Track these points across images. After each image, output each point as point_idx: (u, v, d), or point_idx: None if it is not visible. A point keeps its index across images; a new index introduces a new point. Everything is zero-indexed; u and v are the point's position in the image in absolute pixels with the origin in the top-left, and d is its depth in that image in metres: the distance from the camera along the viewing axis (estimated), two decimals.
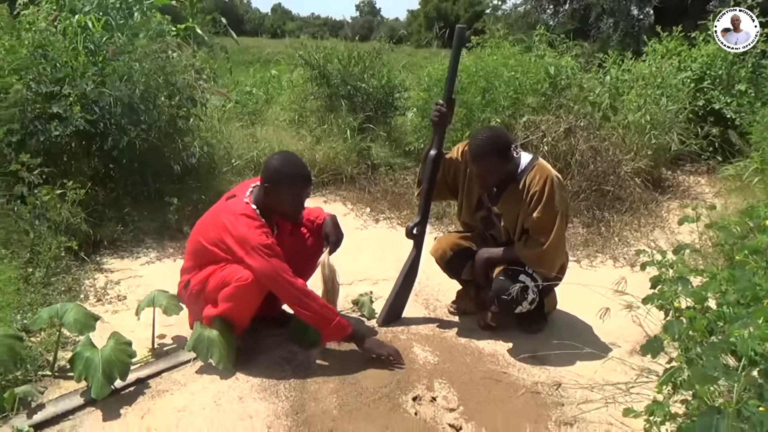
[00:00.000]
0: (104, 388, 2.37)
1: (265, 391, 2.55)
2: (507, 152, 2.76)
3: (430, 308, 3.39)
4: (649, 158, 5.53)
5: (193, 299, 2.74)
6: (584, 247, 4.33)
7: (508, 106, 5.31)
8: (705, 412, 1.66)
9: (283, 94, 6.77)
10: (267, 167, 2.66)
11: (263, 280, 2.55)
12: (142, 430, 2.30)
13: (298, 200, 2.72)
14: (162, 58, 4.49)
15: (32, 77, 4.05)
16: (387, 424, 2.36)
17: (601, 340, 3.03)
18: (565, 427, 2.40)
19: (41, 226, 3.54)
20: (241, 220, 2.58)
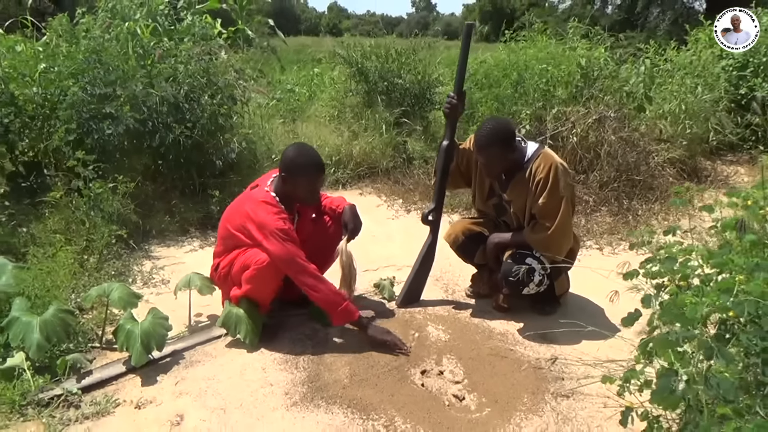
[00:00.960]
0: (142, 356, 2.67)
1: (285, 363, 2.81)
2: (510, 142, 2.93)
3: (449, 292, 3.59)
4: (684, 148, 5.56)
5: (222, 281, 3.02)
6: (609, 234, 4.44)
7: (539, 98, 5.42)
8: (664, 373, 1.82)
9: (324, 91, 7.04)
10: (284, 158, 2.91)
11: (278, 263, 2.79)
12: (174, 394, 2.59)
13: (313, 187, 2.94)
14: (205, 60, 4.82)
15: (87, 80, 4.42)
16: (393, 393, 2.58)
17: (610, 322, 3.16)
18: (562, 399, 2.57)
19: (95, 217, 3.89)
20: (261, 207, 2.84)
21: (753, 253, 2.13)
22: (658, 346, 1.87)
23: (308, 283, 2.80)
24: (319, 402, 2.52)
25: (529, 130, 5.26)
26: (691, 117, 5.74)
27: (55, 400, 2.47)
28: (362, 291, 3.54)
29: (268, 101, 6.34)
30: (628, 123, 5.36)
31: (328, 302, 2.84)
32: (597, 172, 5.05)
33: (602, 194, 4.93)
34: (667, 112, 5.79)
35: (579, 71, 5.49)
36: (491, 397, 2.58)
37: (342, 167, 5.66)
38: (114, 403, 2.51)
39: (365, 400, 2.53)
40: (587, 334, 2.82)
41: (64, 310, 2.76)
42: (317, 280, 2.82)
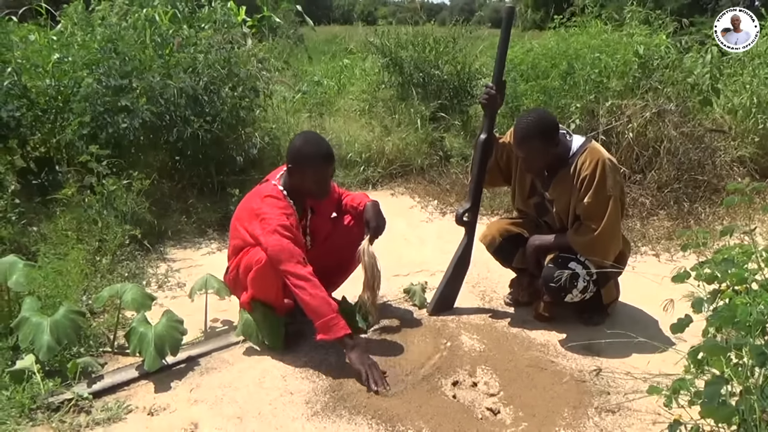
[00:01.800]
0: (156, 361, 2.79)
1: (307, 371, 2.90)
2: (552, 135, 2.98)
3: (486, 299, 3.64)
4: (756, 145, 5.51)
5: (234, 285, 3.14)
6: (666, 240, 4.44)
7: (591, 90, 5.43)
8: (713, 381, 1.85)
9: (355, 84, 7.15)
10: (290, 148, 3.00)
11: (271, 260, 2.84)
12: (189, 401, 2.70)
13: (321, 179, 3.01)
14: (226, 49, 4.97)
15: (102, 71, 4.60)
16: (421, 404, 2.64)
17: (664, 333, 3.18)
18: (607, 414, 2.60)
19: (109, 216, 4.04)
20: (266, 201, 2.93)
21: None
22: (709, 353, 1.91)
23: (298, 284, 2.79)
24: (341, 412, 2.60)
25: (580, 125, 5.27)
26: (764, 111, 5.68)
27: (65, 404, 2.60)
28: (391, 297, 3.62)
29: (293, 94, 6.48)
30: (692, 117, 5.34)
31: (315, 310, 2.79)
32: (655, 172, 5.04)
33: (660, 196, 4.93)
34: (736, 105, 5.74)
35: (636, 60, 5.47)
36: (528, 410, 2.62)
37: (373, 165, 5.75)
38: (126, 409, 2.62)
39: (391, 410, 2.60)
40: (637, 346, 2.83)
41: (75, 311, 2.89)
42: (309, 284, 2.80)
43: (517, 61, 6.06)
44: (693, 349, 2.10)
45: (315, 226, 3.12)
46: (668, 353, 2.79)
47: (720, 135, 5.44)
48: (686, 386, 2.05)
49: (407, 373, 2.87)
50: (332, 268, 3.31)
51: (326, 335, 2.81)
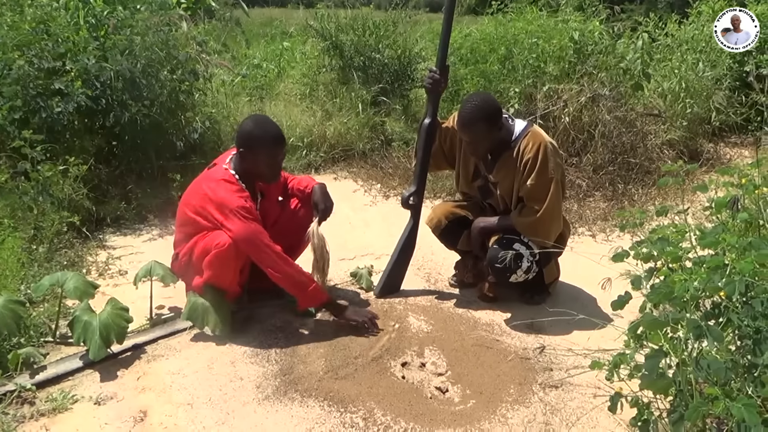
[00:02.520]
0: (101, 350, 2.74)
1: (256, 356, 2.91)
2: (496, 119, 3.04)
3: (431, 281, 3.70)
4: (684, 129, 5.72)
5: (183, 270, 3.11)
6: (602, 221, 4.59)
7: (529, 75, 5.54)
8: (652, 354, 1.95)
9: (295, 67, 7.10)
10: (240, 132, 3.00)
11: (241, 244, 2.88)
12: (137, 389, 2.67)
13: (273, 161, 3.03)
14: (164, 31, 4.85)
15: (34, 53, 4.43)
16: (372, 385, 2.69)
17: (602, 310, 3.30)
18: (551, 390, 2.70)
19: (44, 203, 3.92)
20: (220, 185, 2.93)
21: (746, 232, 2.26)
22: (647, 328, 2.00)
23: (272, 264, 2.90)
24: (293, 395, 2.63)
25: (519, 109, 5.37)
26: (692, 96, 5.90)
27: (7, 396, 2.54)
28: (338, 281, 3.64)
29: (233, 77, 6.39)
30: (625, 102, 5.50)
31: (295, 284, 2.96)
32: (591, 155, 5.19)
33: (596, 178, 5.08)
34: (666, 90, 5.94)
35: (572, 46, 5.60)
36: (476, 388, 2.70)
37: (315, 150, 5.72)
38: (72, 399, 2.58)
39: (342, 392, 2.64)
40: (577, 324, 2.93)
41: (14, 301, 2.82)
42: (282, 261, 2.92)
43: (457, 45, 6.12)
44: (632, 324, 2.19)
45: (264, 210, 3.12)
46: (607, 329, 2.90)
47: (653, 118, 5.63)
48: (626, 360, 2.14)
49: (357, 356, 2.91)
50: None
51: (312, 303, 3.07)
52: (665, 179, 2.61)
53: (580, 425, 2.48)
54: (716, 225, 2.37)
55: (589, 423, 2.50)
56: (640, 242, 2.42)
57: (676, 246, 2.28)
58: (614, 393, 2.16)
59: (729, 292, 1.88)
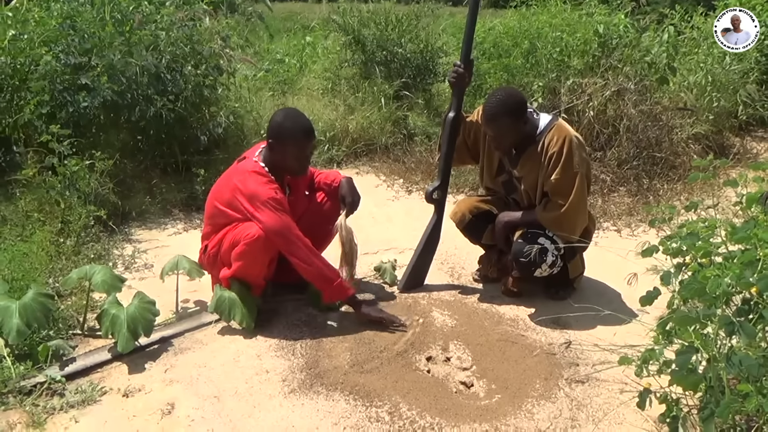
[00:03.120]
0: (129, 342, 2.77)
1: (282, 350, 2.92)
2: (521, 113, 3.02)
3: (455, 276, 3.70)
4: (711, 123, 5.66)
5: (211, 263, 3.13)
6: (627, 215, 4.55)
7: (552, 69, 5.50)
8: (683, 350, 1.93)
9: (317, 62, 7.11)
10: (271, 124, 3.02)
11: (271, 235, 2.89)
12: (164, 382, 2.69)
13: (302, 154, 3.04)
14: (189, 26, 4.88)
15: (61, 48, 4.48)
16: (397, 379, 2.69)
17: (628, 306, 3.28)
18: (576, 385, 2.68)
19: (71, 197, 3.96)
20: (251, 177, 2.95)
21: None
22: (678, 324, 1.98)
23: (301, 257, 2.92)
24: (318, 389, 2.64)
25: (542, 103, 5.35)
26: (718, 89, 5.84)
27: (37, 388, 2.57)
28: (362, 275, 3.64)
29: (255, 72, 6.41)
30: (650, 96, 5.45)
31: (322, 277, 2.97)
32: (615, 149, 5.15)
33: (621, 173, 5.04)
34: (692, 84, 5.88)
35: (596, 39, 5.56)
36: (501, 383, 2.70)
37: (337, 144, 5.74)
38: (100, 391, 2.61)
39: (368, 386, 2.64)
40: (603, 319, 2.93)
41: (43, 294, 2.84)
42: (312, 254, 2.95)
43: (480, 39, 6.10)
44: (662, 320, 2.18)
45: (291, 204, 3.12)
46: (633, 325, 2.90)
47: (682, 113, 5.57)
48: (655, 356, 2.13)
49: (382, 350, 2.91)
50: None
51: (338, 297, 3.08)
52: (695, 174, 2.58)
53: (606, 421, 2.46)
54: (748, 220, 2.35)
55: (615, 419, 2.48)
56: (670, 237, 2.40)
57: (706, 241, 2.26)
58: (643, 389, 2.15)
59: (762, 288, 1.86)
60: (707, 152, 5.54)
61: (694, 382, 1.93)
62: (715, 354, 1.90)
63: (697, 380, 1.92)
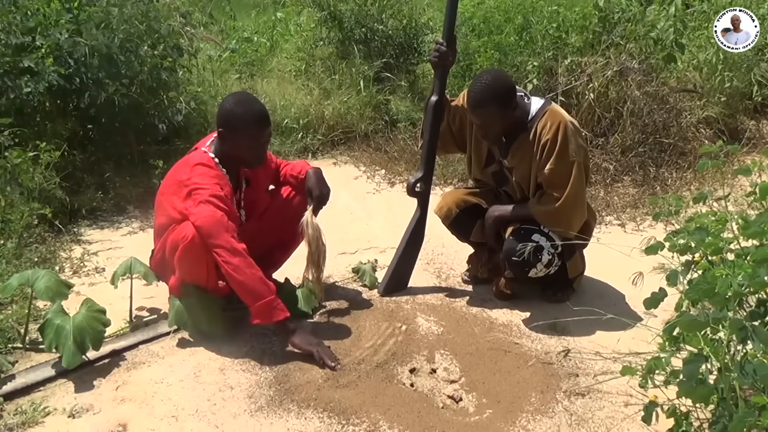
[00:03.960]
0: (76, 356, 2.71)
1: (248, 363, 2.88)
2: (510, 98, 3.00)
3: (443, 278, 3.68)
4: (723, 105, 5.65)
5: (160, 269, 3.09)
6: (632, 208, 4.55)
7: (549, 47, 5.48)
8: (691, 359, 1.90)
9: (289, 41, 7.05)
10: (220, 111, 2.96)
11: (200, 233, 2.78)
12: (116, 400, 2.65)
13: (257, 144, 2.97)
14: (144, 1, 4.81)
15: (1, 27, 4.40)
16: (377, 394, 2.67)
17: (633, 309, 3.27)
18: (576, 397, 2.67)
19: (12, 193, 3.90)
20: (195, 170, 2.89)
21: None
22: (685, 329, 1.95)
23: (231, 261, 2.76)
24: (289, 406, 2.60)
25: (537, 84, 5.31)
26: (730, 68, 5.83)
27: None
28: (338, 278, 3.61)
29: (220, 53, 6.35)
30: (656, 76, 5.44)
31: (250, 291, 2.80)
32: (618, 135, 5.13)
33: (625, 161, 5.03)
34: (702, 62, 5.87)
35: (596, 14, 5.54)
36: (493, 397, 2.68)
37: (311, 132, 5.67)
38: (43, 411, 2.56)
39: (344, 402, 2.61)
40: (606, 324, 2.89)
41: None
42: (244, 261, 2.79)
43: (468, 14, 6.06)
44: (668, 325, 2.15)
45: (250, 199, 3.08)
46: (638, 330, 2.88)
47: (689, 95, 5.56)
48: (661, 365, 2.10)
49: (360, 362, 2.88)
50: (272, 246, 3.31)
51: (263, 319, 2.83)
52: (704, 162, 2.56)
53: None
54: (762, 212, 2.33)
55: None
56: (676, 232, 2.38)
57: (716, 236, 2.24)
58: (649, 402, 2.13)
59: None
60: (720, 137, 5.54)
61: (704, 394, 1.90)
62: (726, 362, 1.88)
63: (708, 392, 1.90)
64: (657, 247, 2.33)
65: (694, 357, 1.90)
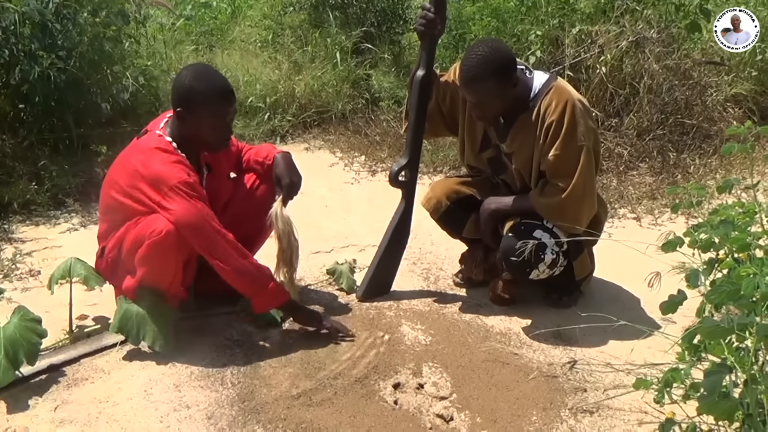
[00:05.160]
0: (8, 373, 2.72)
1: (207, 378, 2.90)
2: (509, 73, 3.01)
3: (431, 280, 3.71)
4: (754, 80, 5.71)
5: (111, 269, 3.09)
6: (649, 199, 4.60)
7: (554, 13, 5.52)
8: (713, 370, 1.94)
9: (254, 6, 7.05)
10: (176, 87, 2.97)
11: (184, 229, 2.83)
12: (54, 423, 2.65)
13: (220, 123, 2.98)
14: None
15: None
16: (355, 413, 2.69)
17: (649, 315, 3.31)
18: (584, 415, 2.71)
19: None
20: (154, 157, 2.89)
21: None
22: (707, 337, 1.99)
23: (225, 256, 2.86)
24: (254, 427, 2.62)
25: (541, 57, 5.35)
26: (763, 38, 5.88)
27: None
28: (311, 280, 3.64)
29: (173, 20, 6.34)
30: (678, 47, 5.48)
31: (251, 280, 2.93)
32: (634, 115, 5.17)
33: (641, 145, 5.07)
34: None
35: None
36: (488, 415, 2.70)
37: (280, 112, 5.70)
38: None
39: (317, 423, 2.63)
40: (618, 332, 2.92)
41: None
42: (236, 251, 2.89)
43: None
44: (688, 332, 2.19)
45: (213, 188, 3.08)
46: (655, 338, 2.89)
47: (715, 69, 5.61)
48: (680, 377, 2.14)
49: (336, 376, 2.90)
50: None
51: (271, 304, 3.05)
52: (729, 146, 2.59)
53: None
54: None
55: None
56: (698, 226, 2.41)
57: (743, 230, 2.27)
58: (665, 419, 2.16)
59: None
60: (750, 117, 5.59)
61: (727, 410, 1.94)
62: (753, 374, 1.92)
63: (732, 407, 1.93)
64: (675, 243, 2.35)
65: (717, 368, 1.94)
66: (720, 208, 2.41)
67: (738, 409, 1.93)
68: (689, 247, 2.34)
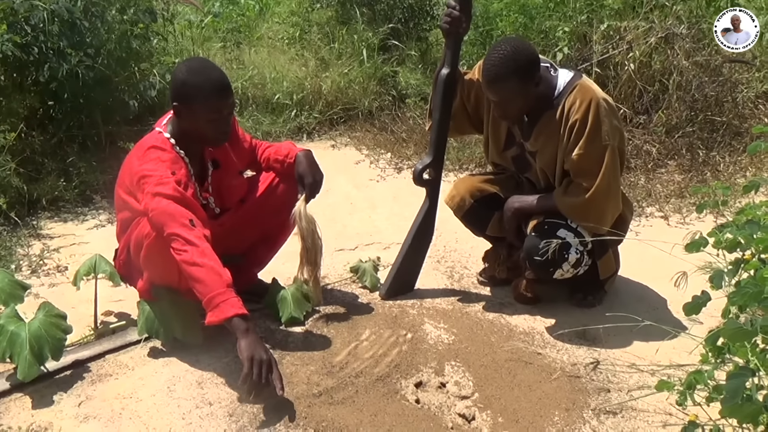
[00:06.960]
0: (32, 368, 2.74)
1: (229, 375, 2.90)
2: (532, 71, 2.99)
3: (455, 278, 3.71)
4: None
5: (126, 270, 3.11)
6: (677, 198, 4.56)
7: (582, 9, 5.48)
8: (736, 373, 1.92)
9: (282, 3, 7.07)
10: (172, 82, 2.95)
11: (154, 227, 2.78)
12: (78, 418, 2.67)
13: (218, 116, 2.92)
14: None
15: None
16: (377, 412, 2.69)
17: (675, 316, 3.27)
18: (607, 416, 2.69)
19: None
20: (148, 155, 2.88)
21: None
22: (730, 338, 1.97)
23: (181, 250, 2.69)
24: (275, 425, 2.63)
25: (568, 54, 5.32)
26: None
27: None
28: (334, 278, 3.64)
29: (201, 18, 6.37)
30: (708, 43, 5.43)
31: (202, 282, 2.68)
32: (663, 112, 5.13)
33: (670, 142, 5.03)
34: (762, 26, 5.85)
35: None
36: (510, 415, 2.70)
37: (307, 109, 5.72)
38: None
39: (338, 421, 2.64)
40: (643, 332, 2.89)
41: None
42: (195, 249, 2.70)
43: None
44: (711, 334, 2.17)
45: (220, 184, 3.06)
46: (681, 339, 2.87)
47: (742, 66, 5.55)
48: (704, 379, 2.12)
49: (357, 374, 2.91)
50: (255, 242, 3.34)
51: (217, 315, 2.67)
52: (756, 144, 2.56)
53: None
54: None
55: None
56: (723, 226, 2.38)
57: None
58: (688, 422, 2.14)
59: None
60: None
61: (751, 413, 1.91)
62: None
63: (756, 410, 1.91)
64: (699, 243, 2.33)
65: (740, 370, 1.91)
66: (746, 208, 2.38)
67: (762, 412, 1.90)
68: (714, 247, 2.32)
